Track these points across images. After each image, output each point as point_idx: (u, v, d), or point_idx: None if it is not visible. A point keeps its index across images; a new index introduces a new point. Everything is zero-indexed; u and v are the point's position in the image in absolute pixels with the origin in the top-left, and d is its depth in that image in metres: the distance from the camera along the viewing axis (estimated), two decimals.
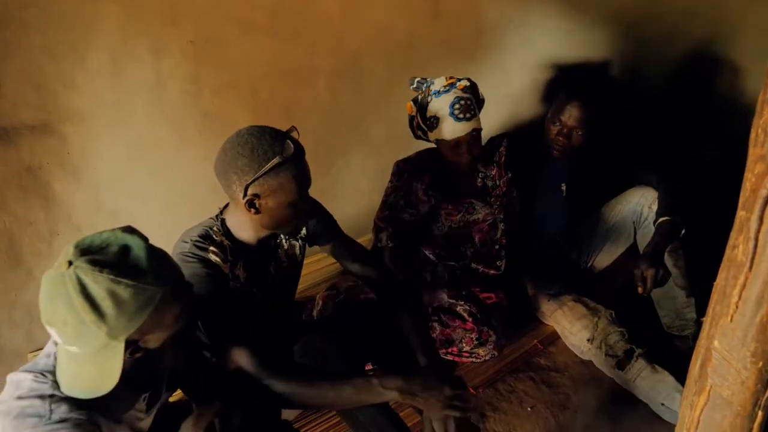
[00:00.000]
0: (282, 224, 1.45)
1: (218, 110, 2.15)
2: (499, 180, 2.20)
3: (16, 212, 1.86)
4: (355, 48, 2.46)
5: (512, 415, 1.98)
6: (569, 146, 2.20)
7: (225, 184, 1.38)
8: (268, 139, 1.35)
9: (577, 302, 2.19)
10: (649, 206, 2.14)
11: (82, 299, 0.98)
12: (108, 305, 0.99)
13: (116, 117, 1.95)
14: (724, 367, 0.98)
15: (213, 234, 1.46)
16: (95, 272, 0.99)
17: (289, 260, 1.66)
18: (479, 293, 2.21)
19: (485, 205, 2.18)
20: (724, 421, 1.02)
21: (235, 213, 1.48)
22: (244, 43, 2.14)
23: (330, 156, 2.59)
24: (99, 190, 2.00)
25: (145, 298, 1.02)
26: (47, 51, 1.77)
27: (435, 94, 2.02)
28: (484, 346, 2.09)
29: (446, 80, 2.02)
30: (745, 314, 0.91)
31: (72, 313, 0.99)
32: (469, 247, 2.20)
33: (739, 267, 0.91)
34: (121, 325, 1.01)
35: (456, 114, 1.97)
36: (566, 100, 2.17)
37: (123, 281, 1.00)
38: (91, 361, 1.04)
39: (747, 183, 0.88)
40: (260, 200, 1.37)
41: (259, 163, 1.32)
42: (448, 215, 2.16)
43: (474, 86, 2.07)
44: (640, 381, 1.96)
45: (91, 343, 1.01)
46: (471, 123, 1.99)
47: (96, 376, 1.05)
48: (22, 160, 1.83)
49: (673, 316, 2.18)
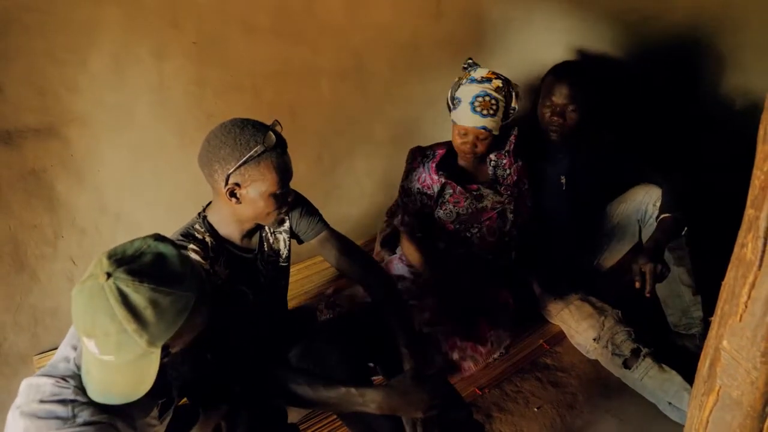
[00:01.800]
0: (262, 215, 1.46)
1: (222, 111, 2.15)
2: (509, 168, 2.19)
3: (20, 215, 1.86)
4: (358, 48, 2.46)
5: (519, 415, 1.97)
6: (565, 126, 2.18)
7: (208, 173, 1.40)
8: (250, 130, 1.38)
9: (583, 301, 2.18)
10: (654, 204, 2.13)
11: (125, 310, 1.00)
12: (150, 314, 1.01)
13: (119, 119, 1.96)
14: (734, 367, 0.96)
15: (195, 232, 1.48)
16: (136, 283, 1.01)
17: (275, 255, 1.66)
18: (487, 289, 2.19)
19: (494, 193, 2.18)
20: (734, 422, 1.01)
21: (217, 206, 1.50)
22: (247, 44, 2.14)
23: (334, 157, 2.59)
24: (103, 193, 2.00)
25: (182, 305, 1.05)
26: (50, 55, 1.77)
27: (470, 80, 2.04)
28: (485, 345, 2.07)
29: (487, 73, 2.04)
30: (755, 314, 0.90)
31: (114, 324, 1.00)
32: (476, 233, 2.18)
33: (748, 266, 0.89)
34: (161, 333, 1.03)
35: (474, 105, 1.99)
36: (553, 81, 2.18)
37: (163, 290, 1.02)
38: (127, 368, 1.05)
39: (756, 180, 0.87)
40: (241, 189, 1.39)
41: (240, 152, 1.34)
42: (456, 202, 2.14)
43: (510, 92, 2.07)
44: (647, 380, 1.95)
45: (130, 352, 1.03)
46: (483, 120, 2.00)
47: (130, 383, 1.07)
48: (26, 164, 1.83)
49: (679, 314, 2.17)
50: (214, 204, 1.51)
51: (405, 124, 2.75)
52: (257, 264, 1.60)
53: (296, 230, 1.68)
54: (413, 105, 2.74)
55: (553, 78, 2.19)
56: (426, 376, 1.48)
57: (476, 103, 1.99)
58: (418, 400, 1.41)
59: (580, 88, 2.15)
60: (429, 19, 2.62)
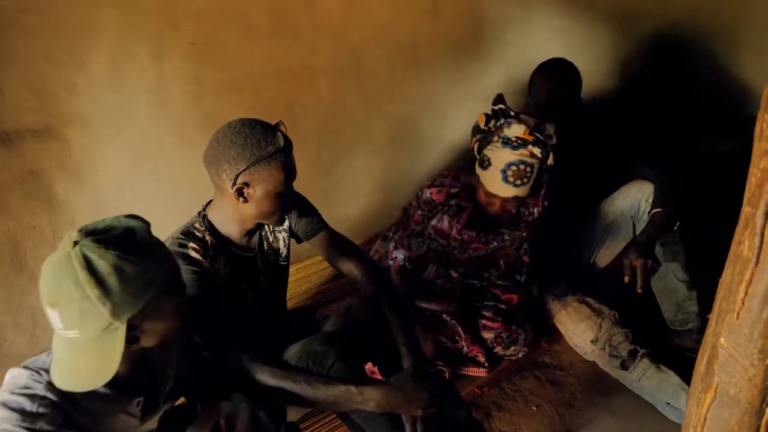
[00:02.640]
0: (266, 215, 1.47)
1: (220, 111, 2.15)
2: (533, 208, 2.14)
3: (19, 216, 1.86)
4: (356, 47, 2.46)
5: (518, 414, 1.97)
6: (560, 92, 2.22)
7: (214, 172, 1.41)
8: (260, 130, 1.40)
9: (581, 303, 2.18)
10: (646, 200, 2.12)
11: (88, 274, 0.99)
12: (113, 281, 1.00)
13: (118, 120, 1.96)
14: (731, 364, 0.97)
15: (195, 230, 1.49)
16: (102, 249, 1.00)
17: (275, 254, 1.67)
18: (501, 294, 2.19)
19: (514, 232, 2.14)
20: (732, 419, 1.01)
21: (220, 206, 1.50)
22: (245, 43, 2.14)
23: (332, 156, 2.59)
24: (102, 193, 2.00)
25: (148, 278, 1.04)
26: (48, 56, 1.77)
27: (503, 143, 1.89)
28: (515, 344, 2.08)
29: (523, 132, 1.87)
30: (752, 310, 0.90)
31: (78, 290, 0.99)
32: (493, 271, 2.17)
33: (745, 263, 0.90)
34: (125, 303, 1.01)
35: (507, 175, 1.89)
36: (543, 78, 2.22)
37: (129, 258, 1.01)
38: (91, 346, 1.04)
39: (752, 178, 0.88)
40: (249, 189, 1.40)
41: (251, 152, 1.36)
42: (476, 249, 2.12)
43: (547, 149, 1.93)
44: (644, 381, 1.95)
45: (93, 324, 1.01)
46: (516, 190, 1.92)
47: (94, 364, 1.05)
48: (25, 164, 1.83)
49: (674, 310, 2.17)
50: (216, 202, 1.52)
51: (404, 123, 2.76)
52: (257, 262, 1.60)
53: (295, 229, 1.69)
54: (412, 104, 2.74)
55: (541, 76, 2.24)
56: (425, 373, 1.49)
57: (509, 173, 1.88)
58: (418, 398, 1.41)
59: (568, 77, 2.21)
60: (427, 18, 2.62)
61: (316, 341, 1.50)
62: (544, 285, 2.28)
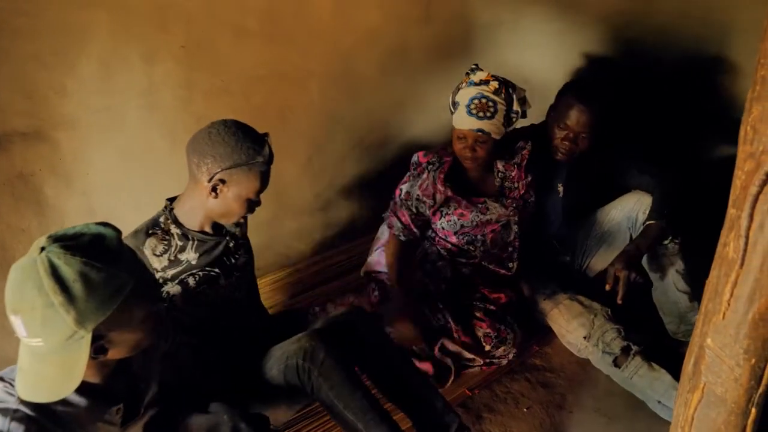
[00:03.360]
0: (229, 214, 1.55)
1: (211, 115, 2.12)
2: (518, 182, 2.18)
3: (8, 220, 1.85)
4: (348, 52, 2.47)
5: (508, 416, 1.98)
6: (575, 150, 2.16)
7: (196, 162, 1.47)
8: (252, 137, 1.49)
9: (572, 300, 2.19)
10: (644, 212, 2.12)
11: (53, 281, 0.97)
12: (78, 288, 0.97)
13: (108, 123, 1.95)
14: (717, 364, 0.98)
15: (160, 223, 1.56)
16: (68, 255, 0.98)
17: (242, 236, 1.73)
18: (489, 294, 2.21)
19: (500, 206, 2.16)
20: (719, 419, 1.02)
21: (190, 196, 1.56)
22: (236, 47, 2.14)
23: (323, 161, 2.59)
24: (92, 196, 2.00)
25: (115, 286, 1.01)
26: (38, 59, 1.77)
27: (469, 83, 2.03)
28: (504, 344, 2.09)
29: (485, 75, 2.02)
30: (737, 311, 0.92)
31: (41, 296, 0.97)
32: (479, 246, 2.19)
33: (731, 264, 0.91)
34: (89, 311, 0.98)
35: (470, 107, 1.97)
36: (572, 104, 2.10)
37: (96, 265, 0.99)
38: (55, 356, 1.01)
39: (737, 180, 0.89)
40: (224, 187, 1.47)
41: (239, 156, 1.45)
42: (461, 215, 2.14)
43: (510, 94, 2.02)
44: (637, 379, 1.96)
45: (57, 332, 0.98)
46: (480, 122, 1.97)
47: (58, 375, 1.02)
48: (14, 167, 1.83)
49: (677, 321, 2.16)
50: (186, 193, 1.57)
51: (394, 127, 2.76)
52: (228, 245, 1.64)
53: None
54: (403, 108, 2.75)
55: (572, 99, 2.10)
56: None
57: (472, 105, 1.97)
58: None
59: (598, 116, 2.09)
60: (418, 22, 2.63)
61: (304, 339, 1.52)
62: (535, 285, 2.29)
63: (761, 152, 0.82)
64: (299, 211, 2.61)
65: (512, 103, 2.03)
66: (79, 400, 1.13)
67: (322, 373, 1.48)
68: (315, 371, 1.48)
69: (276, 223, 2.54)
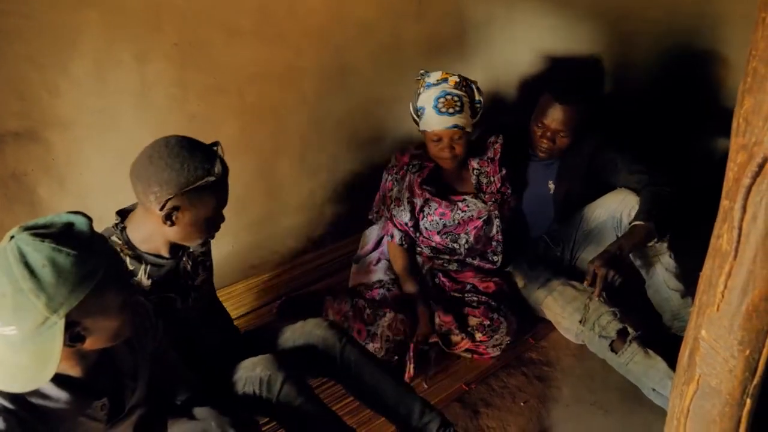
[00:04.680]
0: (192, 238, 1.45)
1: (204, 113, 2.14)
2: (493, 176, 2.22)
3: (1, 220, 1.85)
4: (340, 48, 2.46)
5: (505, 410, 1.99)
6: (554, 148, 2.21)
7: (141, 191, 1.35)
8: (199, 156, 1.35)
9: (565, 286, 2.19)
10: (628, 213, 2.11)
11: (22, 267, 0.97)
12: (47, 273, 0.97)
13: (102, 123, 1.94)
14: (712, 356, 0.99)
15: (113, 243, 1.43)
16: (36, 241, 0.99)
17: (203, 255, 1.65)
18: (479, 284, 2.22)
19: (479, 202, 2.20)
20: (714, 410, 1.03)
21: (142, 222, 1.44)
22: (229, 46, 2.14)
23: (318, 158, 2.59)
24: (86, 197, 1.99)
25: (86, 271, 1.01)
26: (31, 59, 1.76)
27: (427, 86, 2.05)
28: (497, 332, 2.10)
29: (441, 75, 2.05)
30: (731, 303, 0.92)
31: (11, 283, 0.97)
32: (463, 244, 2.21)
33: (724, 256, 0.92)
34: (60, 296, 0.99)
35: (438, 107, 2.00)
36: (549, 103, 2.15)
37: (64, 250, 0.99)
38: (29, 344, 1.01)
39: (729, 173, 0.90)
40: (179, 213, 1.36)
41: (187, 179, 1.32)
42: (442, 215, 2.16)
43: (470, 86, 2.08)
44: (632, 366, 1.97)
45: (29, 319, 0.98)
46: (453, 119, 2.00)
47: (34, 363, 1.02)
48: (7, 168, 1.82)
49: (670, 317, 2.17)
50: (138, 218, 1.45)
51: (388, 123, 2.76)
52: (186, 267, 1.56)
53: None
54: (396, 105, 2.75)
55: (548, 99, 2.16)
56: None
57: (440, 104, 2.00)
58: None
59: (575, 113, 2.14)
60: (410, 18, 2.63)
61: (260, 366, 1.49)
62: (528, 276, 2.29)
63: (753, 144, 0.83)
64: (294, 208, 2.61)
65: (473, 93, 2.08)
66: (59, 393, 1.12)
67: (280, 402, 1.47)
68: (273, 399, 1.47)
69: (270, 221, 2.54)
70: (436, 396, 1.96)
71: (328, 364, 1.67)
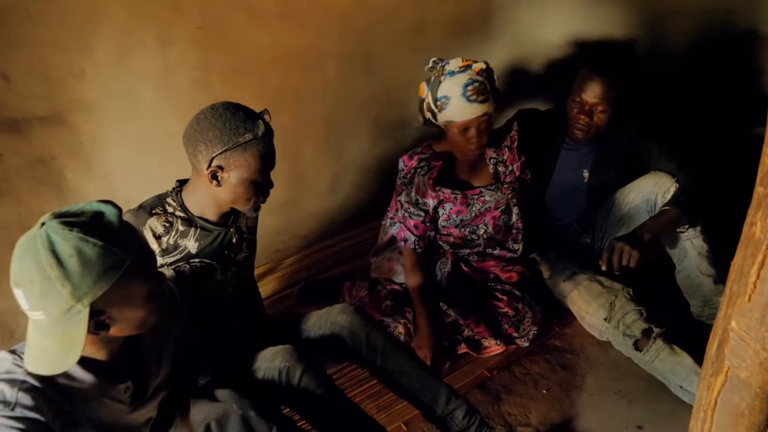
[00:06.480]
0: (240, 201, 1.49)
1: (227, 97, 2.10)
2: (512, 164, 2.16)
3: (29, 203, 1.88)
4: (364, 31, 2.44)
5: (527, 397, 1.97)
6: (592, 126, 2.12)
7: (192, 152, 1.43)
8: (241, 116, 1.41)
9: (592, 281, 2.15)
10: (663, 195, 2.05)
11: (49, 255, 0.99)
12: (74, 262, 1.00)
13: (125, 106, 1.96)
14: (742, 347, 0.95)
15: (167, 204, 1.52)
16: (65, 230, 1.01)
17: (249, 232, 1.69)
18: (501, 275, 2.20)
19: (496, 192, 2.15)
20: (742, 403, 1.00)
21: (195, 185, 1.51)
22: (252, 28, 2.13)
23: (341, 141, 2.58)
24: (111, 180, 2.01)
25: (111, 262, 1.03)
26: (54, 43, 1.77)
27: (449, 74, 1.95)
28: (522, 323, 2.08)
29: (462, 61, 1.97)
30: (764, 293, 0.89)
31: (39, 270, 1.00)
32: (482, 234, 2.17)
33: (757, 245, 0.88)
34: (85, 285, 1.01)
35: (468, 95, 1.92)
36: (587, 76, 2.08)
37: (91, 240, 1.01)
38: (56, 330, 1.04)
39: (765, 158, 0.86)
40: (223, 173, 1.42)
41: (229, 137, 1.38)
42: (458, 212, 2.13)
43: (490, 72, 2.01)
44: (658, 363, 1.93)
45: (55, 305, 1.01)
46: (483, 106, 1.94)
47: (59, 348, 1.05)
48: (34, 151, 1.85)
49: (701, 304, 2.12)
50: (192, 182, 1.53)
51: (411, 107, 2.73)
52: (231, 239, 1.60)
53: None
54: None
55: (586, 72, 2.09)
56: None
57: (469, 92, 1.91)
58: None
59: (614, 87, 2.06)
60: (434, 0, 2.58)
61: (279, 357, 1.51)
62: (554, 267, 2.26)
63: None
64: (318, 192, 2.60)
65: (493, 80, 2.01)
66: (84, 375, 1.15)
67: (299, 393, 1.49)
68: (292, 390, 1.49)
69: (295, 206, 2.55)
70: (458, 382, 1.96)
71: (354, 350, 1.68)
